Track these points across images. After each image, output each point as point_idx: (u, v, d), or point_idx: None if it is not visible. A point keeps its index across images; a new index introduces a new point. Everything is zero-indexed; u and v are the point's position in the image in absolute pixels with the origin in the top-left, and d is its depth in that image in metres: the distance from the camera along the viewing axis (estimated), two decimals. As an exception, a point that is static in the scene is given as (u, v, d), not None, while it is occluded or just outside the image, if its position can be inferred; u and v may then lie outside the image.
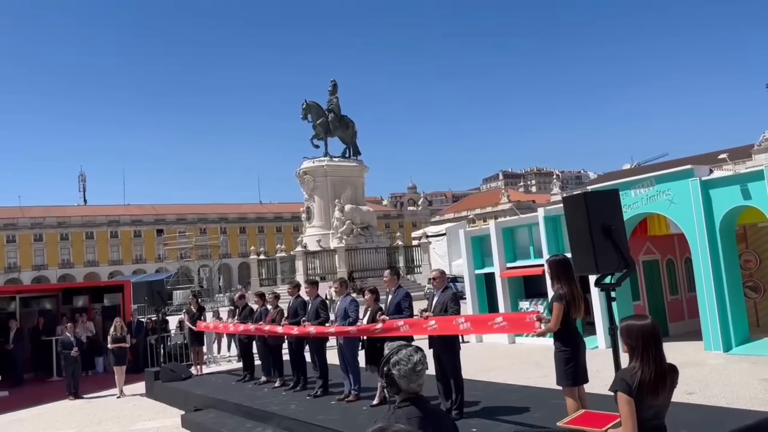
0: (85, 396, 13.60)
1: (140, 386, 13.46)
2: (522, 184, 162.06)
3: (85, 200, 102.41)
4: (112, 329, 14.01)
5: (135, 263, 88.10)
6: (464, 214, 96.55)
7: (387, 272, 8.27)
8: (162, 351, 16.14)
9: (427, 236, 46.90)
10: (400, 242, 45.20)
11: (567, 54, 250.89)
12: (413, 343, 3.43)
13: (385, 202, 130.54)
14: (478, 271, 17.02)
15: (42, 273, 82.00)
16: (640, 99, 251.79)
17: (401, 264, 41.61)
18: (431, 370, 7.75)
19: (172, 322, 19.58)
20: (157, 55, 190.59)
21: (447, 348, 7.31)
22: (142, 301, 22.01)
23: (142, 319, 19.07)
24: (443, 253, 45.12)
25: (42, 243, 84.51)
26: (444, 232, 46.82)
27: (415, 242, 47.70)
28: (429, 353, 7.47)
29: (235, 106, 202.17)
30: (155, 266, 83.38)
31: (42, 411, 12.47)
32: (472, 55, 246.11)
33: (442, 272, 7.68)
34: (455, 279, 34.00)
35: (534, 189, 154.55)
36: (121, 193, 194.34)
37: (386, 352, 2.87)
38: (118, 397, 13.16)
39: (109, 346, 13.95)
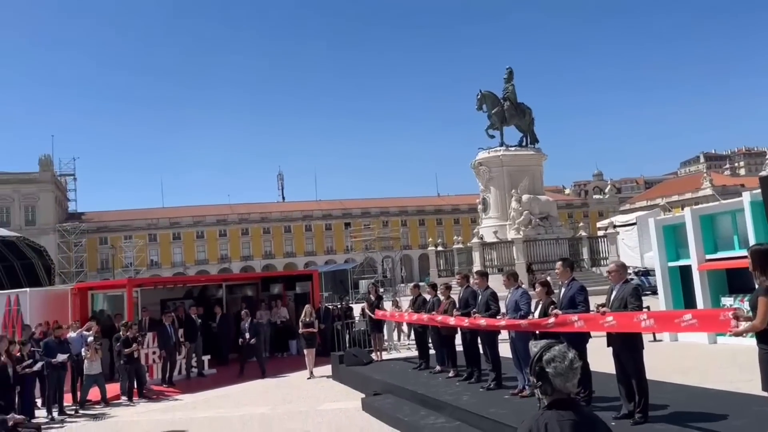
0: (280, 376, 14.92)
1: (328, 369, 14.36)
2: (728, 166, 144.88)
3: (283, 197, 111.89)
4: (303, 315, 15.12)
5: (326, 254, 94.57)
6: (658, 201, 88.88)
7: (559, 264, 7.86)
8: (347, 336, 17.10)
9: (615, 226, 43.91)
10: (583, 233, 42.86)
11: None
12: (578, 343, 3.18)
13: (567, 191, 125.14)
14: (671, 264, 15.58)
15: (248, 263, 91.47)
16: None
17: (585, 256, 39.50)
18: (608, 369, 7.28)
19: (357, 309, 20.64)
20: (339, 61, 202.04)
21: (628, 346, 6.77)
22: (329, 289, 23.56)
23: (330, 306, 20.35)
24: (633, 244, 41.96)
25: (248, 237, 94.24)
26: (634, 221, 43.56)
27: (600, 233, 44.89)
28: (608, 351, 7.04)
29: (412, 102, 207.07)
30: (344, 257, 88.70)
31: (243, 388, 13.86)
32: (666, 18, 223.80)
33: (621, 265, 7.10)
34: (648, 272, 31.48)
35: (742, 171, 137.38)
36: (314, 189, 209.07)
37: (534, 350, 2.69)
38: (308, 378, 14.17)
39: (300, 330, 15.07)
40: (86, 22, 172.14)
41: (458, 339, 10.72)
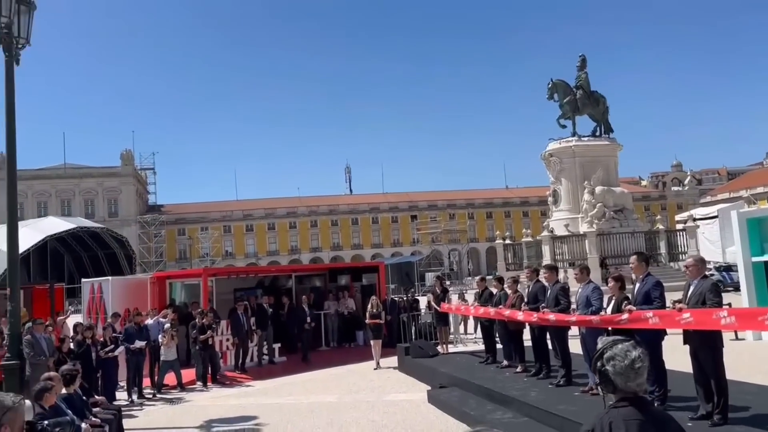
0: (347, 365, 15.14)
1: (394, 360, 14.44)
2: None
3: (350, 190, 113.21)
4: (369, 306, 15.26)
5: (393, 246, 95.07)
6: (741, 193, 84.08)
7: (633, 258, 7.59)
8: (413, 328, 17.14)
9: (695, 219, 41.88)
10: (661, 226, 41.13)
11: None
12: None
13: (644, 183, 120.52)
14: (756, 259, 14.68)
15: (317, 255, 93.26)
16: None
17: (663, 250, 37.88)
18: (685, 368, 6.96)
19: (423, 301, 20.64)
20: (405, 53, 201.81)
21: (706, 345, 6.47)
22: (395, 281, 23.63)
23: (396, 298, 20.44)
24: (715, 238, 39.95)
25: (317, 229, 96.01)
26: (715, 214, 41.44)
27: (679, 226, 42.93)
28: (684, 349, 6.74)
29: (478, 92, 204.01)
30: (410, 249, 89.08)
31: (311, 376, 14.15)
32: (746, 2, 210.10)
33: (700, 259, 6.78)
34: (730, 268, 29.89)
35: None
36: (380, 182, 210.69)
37: (599, 346, 2.59)
38: (375, 369, 14.30)
39: (367, 321, 15.23)
40: (167, 20, 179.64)
41: (527, 334, 10.54)
